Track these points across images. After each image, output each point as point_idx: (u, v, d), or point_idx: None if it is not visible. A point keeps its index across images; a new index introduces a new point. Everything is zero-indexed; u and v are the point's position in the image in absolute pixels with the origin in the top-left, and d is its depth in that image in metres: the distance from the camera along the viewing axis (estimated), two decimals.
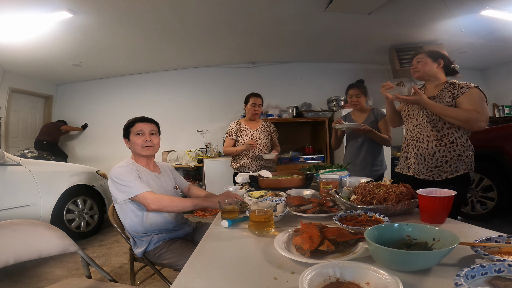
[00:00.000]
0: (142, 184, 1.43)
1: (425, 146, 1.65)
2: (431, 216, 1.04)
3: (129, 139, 1.57)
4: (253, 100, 2.58)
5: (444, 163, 1.61)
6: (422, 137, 1.68)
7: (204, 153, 5.12)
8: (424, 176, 1.66)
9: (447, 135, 1.61)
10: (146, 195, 1.40)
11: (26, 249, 1.12)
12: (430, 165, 1.64)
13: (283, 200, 1.33)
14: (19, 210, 2.52)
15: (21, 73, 4.87)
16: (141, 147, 1.54)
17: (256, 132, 2.61)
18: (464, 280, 0.52)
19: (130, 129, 1.57)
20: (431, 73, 1.69)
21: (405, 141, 1.80)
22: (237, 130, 2.63)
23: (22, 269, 2.38)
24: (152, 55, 4.68)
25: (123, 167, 1.46)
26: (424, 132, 1.67)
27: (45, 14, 3.08)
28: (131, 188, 1.40)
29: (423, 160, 1.66)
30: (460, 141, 1.60)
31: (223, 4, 3.20)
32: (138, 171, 1.50)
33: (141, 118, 1.60)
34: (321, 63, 5.39)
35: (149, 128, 1.58)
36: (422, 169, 1.67)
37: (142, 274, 1.88)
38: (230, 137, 2.64)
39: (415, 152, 1.70)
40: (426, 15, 3.53)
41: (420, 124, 1.69)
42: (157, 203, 1.40)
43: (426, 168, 1.66)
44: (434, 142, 1.62)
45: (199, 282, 0.68)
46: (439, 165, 1.62)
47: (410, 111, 1.79)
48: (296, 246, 0.81)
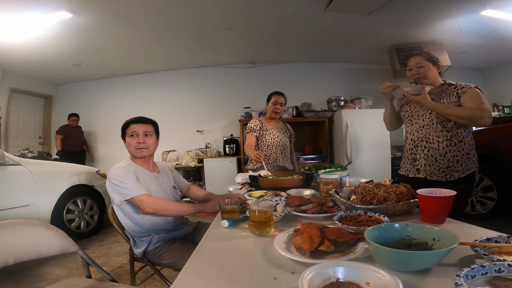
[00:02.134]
0: (139, 186, 1.42)
1: (435, 147, 1.64)
2: (431, 216, 1.04)
3: (125, 140, 1.58)
4: (276, 98, 2.48)
5: (455, 162, 1.61)
6: (432, 138, 1.66)
7: (204, 153, 5.13)
8: (437, 177, 1.64)
9: (456, 135, 1.61)
10: (142, 198, 1.39)
11: (26, 249, 1.12)
12: (442, 166, 1.63)
13: (283, 200, 1.32)
14: (19, 210, 2.52)
15: (21, 73, 4.87)
16: (134, 149, 1.53)
17: (279, 133, 2.50)
18: (464, 280, 0.52)
19: (125, 130, 1.57)
20: (434, 78, 1.69)
21: (411, 142, 1.76)
22: (260, 128, 2.48)
23: (22, 269, 2.37)
24: (152, 55, 4.69)
25: (120, 168, 1.45)
26: (434, 133, 1.65)
27: (45, 14, 3.08)
28: (128, 190, 1.40)
29: (435, 161, 1.65)
30: (467, 140, 1.62)
31: (223, 4, 3.20)
32: (136, 171, 1.49)
33: (136, 119, 1.58)
34: (321, 63, 5.40)
35: (143, 129, 1.56)
36: (434, 170, 1.65)
37: (142, 274, 1.88)
38: (252, 133, 2.45)
39: (425, 153, 1.68)
40: (426, 15, 3.53)
41: (428, 125, 1.67)
42: (152, 207, 1.39)
43: (438, 169, 1.64)
44: (444, 143, 1.62)
45: (199, 282, 0.68)
46: (451, 165, 1.61)
47: (413, 112, 1.76)
48: (296, 246, 0.81)
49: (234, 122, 5.31)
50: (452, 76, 5.61)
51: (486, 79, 5.52)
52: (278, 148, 2.44)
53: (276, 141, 2.44)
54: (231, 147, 5.06)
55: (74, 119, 5.17)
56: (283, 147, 2.48)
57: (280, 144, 2.46)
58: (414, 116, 1.76)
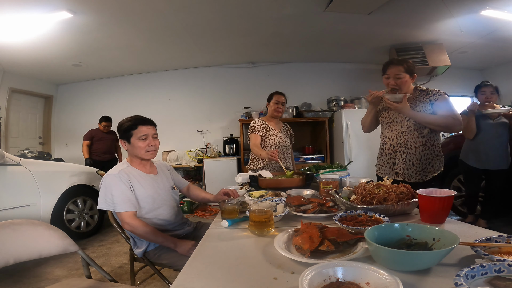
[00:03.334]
0: (126, 201, 1.39)
1: (413, 152, 1.77)
2: (431, 216, 1.04)
3: (129, 141, 1.50)
4: (277, 97, 2.49)
5: (427, 164, 1.77)
6: (410, 144, 1.78)
7: (204, 153, 5.13)
8: (414, 179, 1.78)
9: (429, 140, 1.76)
10: (123, 216, 1.38)
11: (26, 249, 1.12)
12: (418, 169, 1.77)
13: (283, 200, 1.33)
14: (19, 210, 2.52)
15: (21, 73, 4.87)
16: (145, 151, 1.49)
17: (281, 134, 2.51)
18: (464, 280, 0.52)
19: (132, 131, 1.49)
20: (407, 88, 1.79)
21: (391, 147, 1.86)
22: (264, 129, 2.47)
23: (22, 269, 2.37)
24: (152, 55, 4.69)
25: (114, 176, 1.42)
26: (411, 139, 1.77)
27: (45, 14, 3.08)
28: (113, 203, 1.39)
29: (412, 165, 1.78)
30: (437, 143, 1.78)
31: (223, 4, 3.20)
32: (130, 177, 1.45)
33: (143, 121, 1.52)
34: (321, 63, 5.40)
35: (152, 131, 1.53)
36: (411, 173, 1.79)
37: (142, 274, 1.88)
38: (257, 133, 2.44)
39: (403, 158, 1.80)
40: (426, 15, 3.53)
41: (407, 131, 1.79)
42: (129, 228, 1.39)
43: (415, 172, 1.78)
44: (420, 148, 1.75)
45: (199, 282, 0.68)
46: (425, 167, 1.77)
47: (392, 119, 1.86)
48: (296, 246, 0.81)
49: (234, 122, 5.31)
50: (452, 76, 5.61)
51: (486, 79, 5.47)
52: (280, 148, 2.44)
53: (279, 142, 2.45)
54: (231, 147, 5.06)
55: (105, 125, 4.52)
56: (285, 147, 2.49)
57: (283, 145, 2.47)
58: (393, 122, 1.86)
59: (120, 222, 1.43)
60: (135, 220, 1.40)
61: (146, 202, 1.47)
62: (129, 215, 1.39)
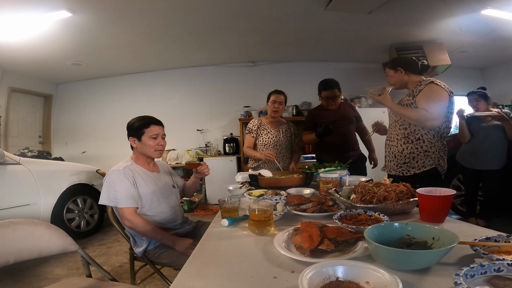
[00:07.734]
0: (129, 197, 1.42)
1: (395, 145, 1.77)
2: (431, 215, 1.04)
3: (139, 139, 1.53)
4: (274, 97, 2.43)
5: (411, 159, 1.71)
6: (393, 136, 1.80)
7: (204, 152, 5.13)
8: (394, 172, 1.78)
9: (413, 133, 1.70)
10: (125, 212, 1.40)
11: (26, 248, 1.12)
12: (399, 162, 1.76)
13: (283, 199, 1.33)
14: (19, 210, 2.52)
15: (20, 72, 4.86)
16: (154, 150, 1.54)
17: (277, 133, 2.47)
18: (464, 279, 0.52)
19: (144, 129, 1.52)
20: (401, 82, 1.77)
21: (385, 141, 1.92)
22: (258, 128, 2.47)
23: (22, 268, 2.38)
24: (152, 54, 4.68)
25: (119, 172, 1.44)
26: (394, 132, 1.79)
27: (44, 14, 3.08)
28: (116, 199, 1.41)
29: (394, 157, 1.79)
30: (426, 138, 1.68)
31: (223, 3, 3.20)
32: (134, 174, 1.48)
33: (155, 121, 1.57)
34: (321, 62, 5.39)
35: (162, 132, 1.58)
36: (393, 165, 1.80)
37: (142, 273, 1.88)
38: (250, 134, 2.48)
39: (388, 151, 1.84)
40: (426, 14, 3.52)
41: (392, 124, 1.82)
42: (129, 224, 1.41)
43: (396, 164, 1.77)
44: (402, 140, 1.73)
45: (199, 281, 0.68)
46: (407, 161, 1.73)
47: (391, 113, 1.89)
48: (296, 245, 0.81)
49: (234, 121, 5.31)
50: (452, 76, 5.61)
51: (486, 79, 5.51)
52: (275, 148, 2.43)
53: (273, 140, 2.43)
54: (231, 146, 5.06)
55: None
56: (281, 146, 2.46)
57: (278, 144, 2.45)
58: (390, 116, 1.90)
59: (121, 218, 1.45)
60: (136, 216, 1.41)
61: (148, 199, 1.49)
62: (130, 211, 1.41)
